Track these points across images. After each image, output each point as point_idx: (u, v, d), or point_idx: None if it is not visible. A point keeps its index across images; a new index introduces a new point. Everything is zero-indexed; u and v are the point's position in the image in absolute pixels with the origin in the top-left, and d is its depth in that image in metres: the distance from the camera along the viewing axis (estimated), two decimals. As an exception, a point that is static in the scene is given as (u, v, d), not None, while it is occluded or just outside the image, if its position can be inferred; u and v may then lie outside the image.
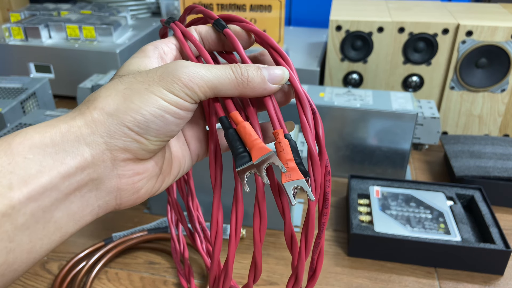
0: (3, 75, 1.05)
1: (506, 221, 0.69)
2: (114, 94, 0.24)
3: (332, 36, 0.87)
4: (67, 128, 0.23)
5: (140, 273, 0.60)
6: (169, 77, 0.24)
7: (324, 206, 0.27)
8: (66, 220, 0.23)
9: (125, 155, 0.24)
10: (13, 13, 1.18)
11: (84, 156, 0.23)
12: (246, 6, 0.98)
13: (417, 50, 0.86)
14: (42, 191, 0.21)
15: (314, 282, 0.29)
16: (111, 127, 0.23)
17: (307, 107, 0.26)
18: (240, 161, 0.24)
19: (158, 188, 0.27)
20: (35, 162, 0.21)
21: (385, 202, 0.67)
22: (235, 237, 0.26)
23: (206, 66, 0.25)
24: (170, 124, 0.24)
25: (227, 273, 0.27)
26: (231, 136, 0.26)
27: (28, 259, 0.22)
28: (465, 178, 0.73)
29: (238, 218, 0.26)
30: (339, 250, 0.64)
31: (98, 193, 0.24)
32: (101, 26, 1.04)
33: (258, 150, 0.24)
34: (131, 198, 0.26)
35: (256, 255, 0.26)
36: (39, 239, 0.22)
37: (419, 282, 0.59)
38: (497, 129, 0.89)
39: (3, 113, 0.77)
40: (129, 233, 0.65)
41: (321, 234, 0.27)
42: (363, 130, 0.75)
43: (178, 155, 0.29)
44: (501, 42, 0.80)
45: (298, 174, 0.24)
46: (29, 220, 0.21)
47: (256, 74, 0.26)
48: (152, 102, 0.24)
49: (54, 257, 0.62)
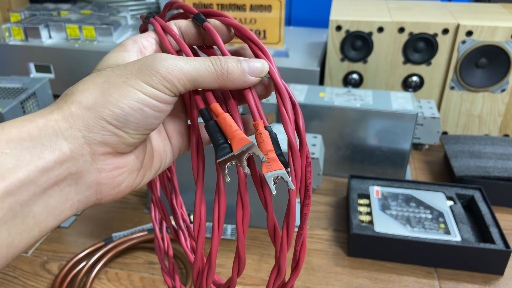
0: (3, 75, 1.05)
1: (506, 221, 0.69)
2: (92, 88, 0.24)
3: (332, 36, 0.87)
4: (45, 122, 0.23)
5: (140, 273, 0.60)
6: (147, 70, 0.24)
7: (306, 197, 0.27)
8: (45, 215, 0.23)
9: (104, 149, 0.24)
10: (13, 13, 1.18)
11: (62, 150, 0.22)
12: (246, 6, 0.98)
13: (417, 50, 0.86)
14: (20, 185, 0.21)
15: (297, 273, 0.29)
16: (89, 121, 0.23)
17: (287, 99, 0.26)
18: (221, 152, 0.24)
19: (139, 182, 0.27)
20: (12, 156, 0.21)
21: (385, 202, 0.67)
22: (218, 230, 0.26)
23: (185, 59, 0.25)
24: (149, 117, 0.24)
25: (211, 266, 0.27)
26: (211, 127, 0.26)
27: (7, 254, 0.22)
28: (465, 178, 0.73)
29: (221, 211, 0.26)
30: (339, 250, 0.64)
31: (78, 187, 0.24)
32: (101, 26, 1.04)
33: (238, 141, 0.24)
34: (112, 193, 0.25)
35: (239, 248, 0.26)
36: (18, 233, 0.22)
37: (419, 282, 0.59)
38: (497, 129, 0.89)
39: (3, 113, 0.77)
40: (129, 233, 0.65)
41: (303, 225, 0.27)
42: (363, 130, 0.75)
43: (159, 149, 0.29)
44: (501, 42, 0.80)
45: (279, 164, 0.24)
46: (7, 214, 0.21)
47: (235, 66, 0.26)
48: (131, 96, 0.23)
49: (54, 257, 0.62)
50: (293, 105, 0.27)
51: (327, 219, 0.70)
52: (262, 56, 0.28)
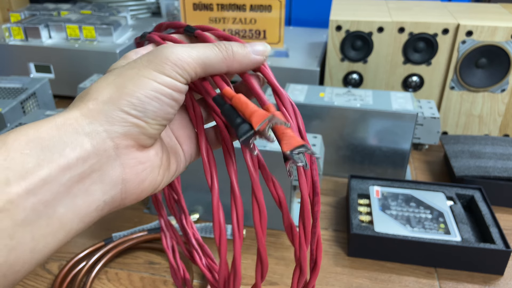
0: (3, 75, 1.05)
1: (506, 221, 0.69)
2: (106, 85, 0.24)
3: (332, 36, 0.87)
4: (63, 121, 0.22)
5: (140, 273, 0.60)
6: (157, 59, 0.24)
7: (315, 195, 0.27)
8: (70, 217, 0.22)
9: (127, 142, 0.24)
10: (13, 13, 1.18)
11: (84, 147, 0.22)
12: (246, 6, 0.98)
13: (417, 50, 0.86)
14: (42, 184, 0.21)
15: (316, 273, 0.29)
16: (109, 113, 0.23)
17: (286, 99, 0.27)
18: (242, 131, 0.24)
19: (161, 181, 0.27)
20: (32, 156, 0.21)
21: (385, 202, 0.67)
22: (239, 236, 0.26)
23: (191, 45, 0.26)
24: (165, 105, 0.25)
25: (236, 273, 0.27)
26: (228, 111, 0.26)
27: (31, 259, 0.21)
28: (465, 178, 0.73)
29: (239, 216, 0.26)
30: (339, 250, 0.64)
31: (103, 186, 0.23)
32: (101, 26, 1.04)
33: (258, 116, 0.24)
34: (136, 191, 0.25)
35: (260, 250, 0.26)
36: (42, 236, 0.21)
37: (419, 282, 0.59)
38: (497, 129, 0.89)
39: (3, 113, 0.77)
40: (129, 233, 0.65)
41: (316, 223, 0.27)
42: (363, 130, 0.75)
43: (174, 151, 0.29)
44: (501, 42, 0.80)
45: (297, 140, 0.24)
46: (30, 215, 0.20)
47: (240, 47, 0.27)
48: (145, 85, 0.24)
49: (54, 257, 0.62)
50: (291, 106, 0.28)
51: (327, 219, 0.70)
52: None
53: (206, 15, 1.01)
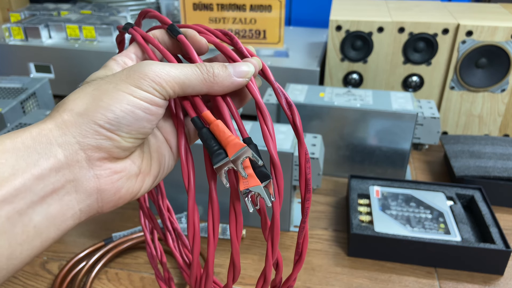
0: (3, 75, 1.05)
1: (506, 221, 0.69)
2: (82, 96, 0.24)
3: (332, 36, 0.87)
4: (38, 131, 0.23)
5: (140, 273, 0.60)
6: (136, 74, 0.25)
7: (307, 192, 0.28)
8: (46, 225, 0.23)
9: (99, 154, 0.24)
10: (13, 13, 1.18)
11: (57, 157, 0.23)
12: (246, 6, 0.98)
13: (417, 50, 0.86)
14: (16, 193, 0.21)
15: (300, 265, 0.30)
16: (82, 126, 0.23)
17: (267, 116, 0.27)
18: (217, 158, 0.25)
19: (140, 188, 0.27)
20: (7, 166, 0.21)
21: (385, 202, 0.67)
22: (213, 239, 0.27)
23: (171, 64, 0.26)
24: (141, 120, 0.25)
25: (208, 275, 0.28)
26: (205, 135, 0.26)
27: (7, 265, 0.21)
28: (465, 178, 0.73)
29: (215, 220, 0.27)
30: (339, 250, 0.64)
31: (78, 196, 0.24)
32: (101, 26, 1.04)
33: (233, 146, 0.25)
34: (113, 199, 0.25)
35: (234, 255, 0.27)
36: (18, 244, 0.21)
37: (419, 282, 0.59)
38: (497, 129, 0.89)
39: (3, 113, 0.77)
40: (129, 233, 0.65)
41: (305, 219, 0.28)
42: (363, 130, 0.75)
43: (157, 154, 0.29)
44: (501, 42, 0.80)
45: (255, 180, 0.25)
46: (5, 223, 0.21)
47: (221, 69, 0.26)
48: (121, 99, 0.24)
49: (54, 257, 0.62)
50: (289, 106, 0.28)
51: (327, 219, 0.70)
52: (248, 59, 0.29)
53: (206, 15, 1.01)
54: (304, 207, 0.28)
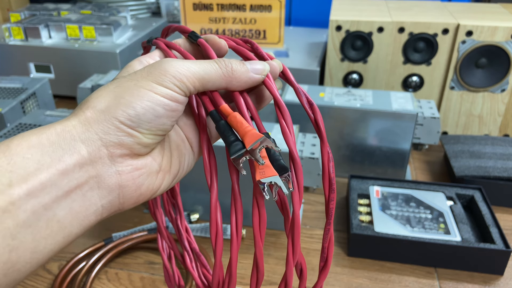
0: (3, 75, 1.05)
1: (506, 221, 0.69)
2: (105, 94, 0.25)
3: (332, 36, 0.87)
4: (62, 128, 0.23)
5: (140, 273, 0.60)
6: (157, 71, 0.25)
7: (331, 192, 0.27)
8: (69, 220, 0.23)
9: (121, 151, 0.24)
10: (13, 13, 1.18)
11: (80, 153, 0.23)
12: (246, 6, 0.98)
13: (417, 50, 0.86)
14: (42, 187, 0.22)
15: (326, 273, 0.28)
16: (104, 123, 0.24)
17: (286, 112, 0.27)
18: (234, 149, 0.25)
19: (160, 185, 0.28)
20: (33, 161, 0.22)
21: (385, 202, 0.67)
22: (237, 238, 0.26)
23: (191, 60, 0.26)
24: (161, 116, 0.25)
25: (231, 276, 0.27)
26: (222, 127, 0.26)
27: (31, 259, 0.22)
28: (465, 178, 0.73)
29: (238, 218, 0.26)
30: (339, 250, 0.64)
31: (100, 191, 0.24)
32: (101, 26, 1.04)
33: (251, 136, 0.24)
34: (134, 196, 0.26)
35: (257, 256, 0.26)
36: (42, 238, 0.22)
37: (419, 282, 0.59)
38: (497, 129, 0.89)
39: (3, 113, 0.77)
40: (129, 233, 0.65)
41: (330, 221, 0.27)
42: (363, 130, 0.75)
43: (177, 152, 0.29)
44: (501, 42, 0.80)
45: (272, 170, 0.24)
46: (30, 217, 0.21)
47: (239, 65, 0.27)
48: (142, 96, 0.24)
49: (54, 257, 0.62)
50: (311, 105, 0.28)
51: (327, 219, 0.70)
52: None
53: (206, 15, 1.01)
54: (328, 208, 0.27)
